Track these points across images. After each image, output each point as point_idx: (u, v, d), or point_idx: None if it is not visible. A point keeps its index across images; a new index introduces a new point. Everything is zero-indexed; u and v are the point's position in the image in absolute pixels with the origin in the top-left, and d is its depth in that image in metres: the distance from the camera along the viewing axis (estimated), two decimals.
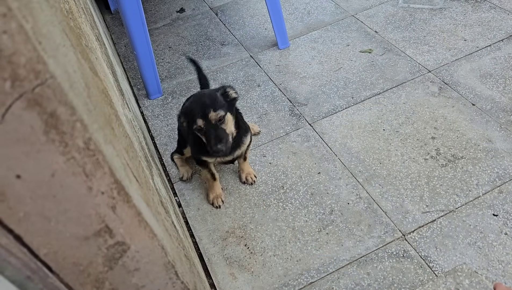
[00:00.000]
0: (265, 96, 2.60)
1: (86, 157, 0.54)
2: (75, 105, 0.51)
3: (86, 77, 0.71)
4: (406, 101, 2.41)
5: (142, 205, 0.69)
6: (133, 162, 0.84)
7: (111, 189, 0.59)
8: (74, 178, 0.54)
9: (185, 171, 2.24)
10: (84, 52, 0.85)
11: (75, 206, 0.57)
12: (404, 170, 2.08)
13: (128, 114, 1.40)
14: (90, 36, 1.22)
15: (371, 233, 1.87)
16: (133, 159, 0.85)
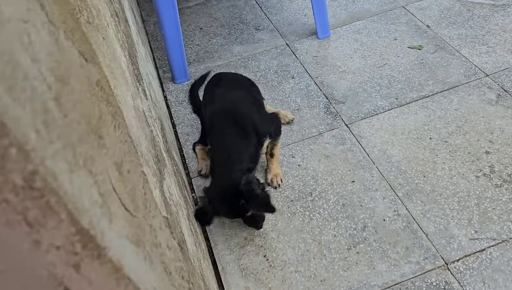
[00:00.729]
0: (299, 90, 2.37)
1: (29, 200, 0.35)
2: (9, 119, 0.32)
3: (65, 67, 0.51)
4: (458, 107, 2.13)
5: (125, 252, 0.49)
6: (129, 178, 0.64)
7: (71, 243, 0.39)
8: (10, 230, 0.35)
9: (205, 165, 2.05)
10: (77, 31, 0.65)
11: (16, 267, 0.38)
12: (451, 187, 1.83)
13: (142, 105, 1.22)
14: (101, 11, 1.02)
15: (409, 258, 1.64)
16: (130, 174, 0.66)
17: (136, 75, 1.32)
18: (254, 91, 2.03)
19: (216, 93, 1.90)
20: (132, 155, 0.74)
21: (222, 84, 1.95)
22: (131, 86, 1.10)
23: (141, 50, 2.06)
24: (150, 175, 0.88)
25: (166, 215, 0.90)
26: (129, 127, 0.82)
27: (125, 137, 0.73)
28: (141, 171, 0.76)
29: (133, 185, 0.65)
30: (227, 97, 1.86)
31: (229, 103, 1.81)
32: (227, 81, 1.97)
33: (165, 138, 1.62)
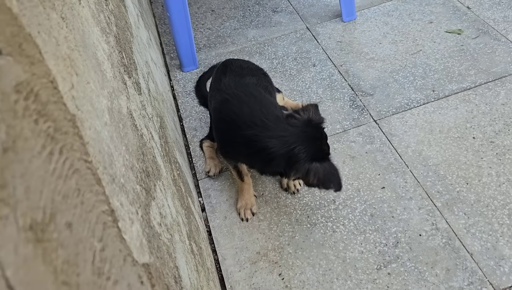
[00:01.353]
0: (320, 79, 2.10)
1: None
2: None
3: None
4: (505, 101, 1.84)
5: None
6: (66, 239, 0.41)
7: None
8: None
9: (214, 166, 1.82)
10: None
11: None
12: (500, 196, 1.55)
13: (130, 104, 0.98)
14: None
15: (450, 282, 1.39)
16: (70, 230, 0.43)
17: (125, 66, 1.09)
18: (266, 81, 1.77)
19: (223, 82, 1.64)
20: (87, 189, 0.50)
21: (229, 71, 1.69)
22: (112, 81, 0.86)
23: (143, 34, 1.82)
24: (125, 207, 0.64)
25: (148, 260, 0.67)
26: (92, 144, 0.58)
27: (76, 165, 0.49)
28: (103, 211, 0.53)
29: (77, 248, 0.42)
30: (235, 86, 1.60)
31: (237, 93, 1.55)
32: (235, 68, 1.71)
33: (164, 138, 1.39)
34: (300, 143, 1.33)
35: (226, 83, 1.60)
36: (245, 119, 1.40)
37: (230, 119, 1.46)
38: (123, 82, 0.98)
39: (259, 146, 1.35)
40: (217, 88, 1.62)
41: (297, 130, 1.36)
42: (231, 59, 1.83)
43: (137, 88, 1.18)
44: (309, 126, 1.38)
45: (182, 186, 1.43)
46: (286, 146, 1.33)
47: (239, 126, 1.41)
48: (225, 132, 1.52)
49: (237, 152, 1.50)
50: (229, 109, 1.47)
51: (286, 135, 1.34)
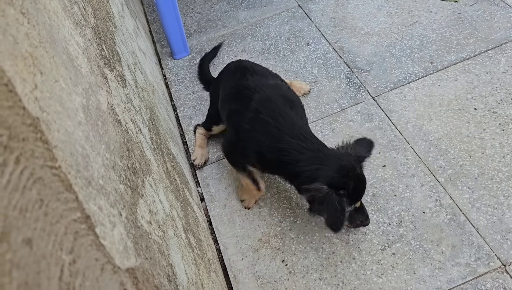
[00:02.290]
0: (315, 58, 2.05)
1: None
2: None
3: None
4: (507, 69, 1.78)
5: None
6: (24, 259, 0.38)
7: None
8: None
9: (200, 155, 1.77)
10: None
11: None
12: (504, 168, 1.51)
13: (112, 98, 0.94)
14: None
15: (456, 258, 1.36)
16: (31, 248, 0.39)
17: (105, 58, 1.04)
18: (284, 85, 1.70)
19: (252, 80, 1.51)
20: (53, 198, 0.46)
21: (251, 71, 1.58)
22: (88, 76, 0.82)
23: (128, 24, 1.76)
24: (104, 210, 0.61)
25: (134, 264, 0.64)
26: (61, 147, 0.54)
27: (39, 174, 0.45)
28: (74, 219, 0.49)
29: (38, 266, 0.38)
30: (267, 87, 1.50)
31: (272, 95, 1.46)
32: (257, 69, 1.61)
33: (155, 130, 1.35)
34: (327, 164, 1.26)
35: (255, 81, 1.50)
36: (284, 127, 1.33)
37: (268, 122, 1.35)
38: (103, 76, 0.94)
39: (292, 158, 1.30)
40: (244, 85, 1.49)
41: (332, 153, 1.30)
42: (244, 60, 1.74)
43: (121, 81, 1.14)
44: (346, 155, 1.30)
45: (177, 177, 1.40)
46: (316, 164, 1.27)
47: (276, 132, 1.34)
48: (258, 132, 1.37)
49: (259, 154, 1.39)
50: (270, 110, 1.37)
51: (320, 155, 1.28)
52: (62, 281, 0.42)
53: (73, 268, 0.45)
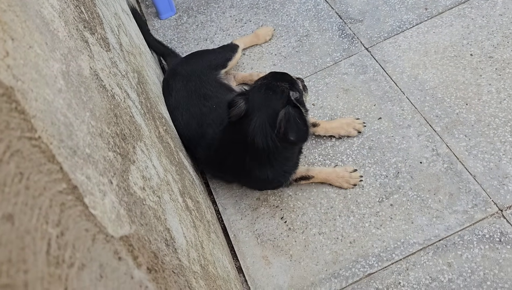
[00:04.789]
0: (306, 11, 1.98)
1: None
2: None
3: None
4: (503, 11, 1.73)
5: None
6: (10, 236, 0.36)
7: None
8: None
9: None
10: None
11: None
12: (501, 114, 1.50)
13: (95, 63, 0.90)
14: None
15: (454, 206, 1.37)
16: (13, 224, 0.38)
17: (85, 21, 0.99)
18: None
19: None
20: (34, 170, 0.44)
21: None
22: (67, 41, 0.78)
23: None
24: (93, 180, 0.59)
25: (129, 231, 0.63)
26: (39, 117, 0.52)
27: (16, 146, 0.43)
28: (59, 191, 0.48)
29: (22, 242, 0.37)
30: None
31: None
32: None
33: (145, 94, 1.31)
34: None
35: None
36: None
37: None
38: (83, 40, 0.90)
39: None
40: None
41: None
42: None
43: (105, 45, 1.09)
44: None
45: (171, 141, 1.37)
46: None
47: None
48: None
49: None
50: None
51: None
52: (50, 255, 0.40)
53: (61, 241, 0.43)
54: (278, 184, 1.48)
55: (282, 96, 1.24)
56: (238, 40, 1.87)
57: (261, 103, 1.25)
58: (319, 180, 1.48)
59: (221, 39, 1.99)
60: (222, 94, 1.57)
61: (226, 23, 2.04)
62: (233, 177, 1.54)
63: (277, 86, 1.26)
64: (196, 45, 2.00)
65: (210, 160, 1.49)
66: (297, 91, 1.29)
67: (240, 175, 1.47)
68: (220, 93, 1.57)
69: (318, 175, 1.47)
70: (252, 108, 1.26)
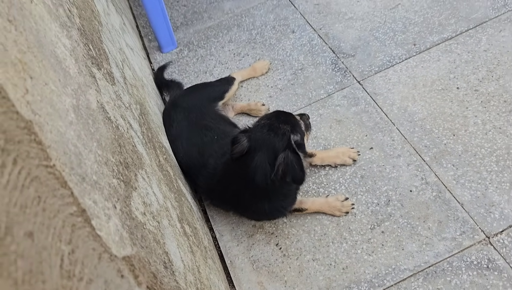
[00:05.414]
0: (301, 46, 2.08)
1: None
2: None
3: None
4: (487, 47, 1.82)
5: None
6: (26, 249, 0.42)
7: None
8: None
9: None
10: None
11: None
12: (486, 144, 1.56)
13: (101, 96, 0.97)
14: None
15: (443, 233, 1.41)
16: (31, 240, 0.43)
17: (93, 58, 1.07)
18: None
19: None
20: (49, 195, 0.50)
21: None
22: (77, 77, 0.85)
23: (114, 20, 1.78)
24: (99, 204, 0.65)
25: (131, 252, 0.68)
26: (54, 147, 0.58)
27: (35, 173, 0.49)
28: (70, 213, 0.53)
29: (40, 256, 0.43)
30: None
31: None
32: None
33: (146, 124, 1.38)
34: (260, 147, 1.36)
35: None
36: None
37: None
38: (91, 75, 0.97)
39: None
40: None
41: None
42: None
43: (110, 79, 1.17)
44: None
45: (170, 169, 1.44)
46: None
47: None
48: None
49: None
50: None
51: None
52: (63, 269, 0.46)
53: (72, 257, 0.49)
54: (275, 217, 1.53)
55: (283, 138, 1.30)
56: (236, 73, 1.96)
57: (263, 143, 1.32)
58: (312, 211, 1.53)
59: (220, 71, 2.08)
60: (222, 125, 1.65)
61: (225, 57, 2.14)
62: (232, 207, 1.59)
63: (279, 128, 1.33)
64: (196, 77, 2.09)
65: (211, 190, 1.55)
66: (298, 133, 1.36)
67: (239, 206, 1.53)
68: (220, 124, 1.65)
69: (311, 207, 1.52)
70: (254, 147, 1.32)
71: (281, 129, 1.32)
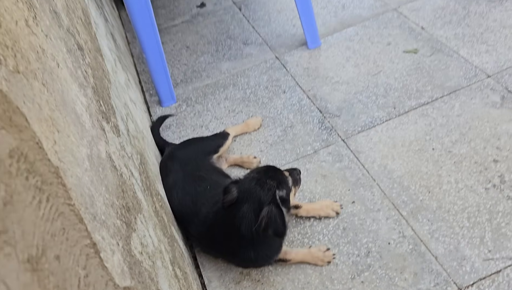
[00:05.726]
0: (291, 105, 2.25)
1: None
2: None
3: None
4: (460, 113, 2.00)
5: None
6: (55, 268, 0.53)
7: None
8: None
9: None
10: None
11: None
12: (459, 201, 1.69)
13: (109, 147, 1.10)
14: (47, 51, 0.92)
15: (418, 285, 1.50)
16: (58, 261, 0.54)
17: (103, 113, 1.21)
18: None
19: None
20: (71, 228, 0.62)
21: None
22: (91, 130, 0.98)
23: (121, 77, 1.95)
24: (106, 240, 0.76)
25: (130, 284, 0.78)
26: (74, 189, 0.70)
27: (61, 209, 0.61)
28: (85, 245, 0.65)
29: (64, 275, 0.53)
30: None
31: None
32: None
33: (145, 173, 1.50)
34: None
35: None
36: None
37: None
38: (101, 128, 1.11)
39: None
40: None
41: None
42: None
43: (116, 131, 1.30)
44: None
45: (165, 216, 1.54)
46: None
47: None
48: None
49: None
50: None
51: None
52: (80, 288, 0.57)
53: (86, 281, 0.60)
54: (261, 265, 1.63)
55: (268, 193, 1.43)
56: (230, 128, 2.11)
57: (250, 195, 1.45)
58: (296, 261, 1.63)
59: (215, 126, 2.23)
60: (215, 176, 1.77)
61: (220, 113, 2.30)
62: (220, 254, 1.68)
63: (265, 183, 1.45)
64: (192, 131, 2.24)
65: (202, 236, 1.65)
66: (284, 189, 1.48)
67: (228, 254, 1.63)
68: (214, 176, 1.77)
69: (295, 258, 1.62)
70: (242, 198, 1.45)
71: (267, 184, 1.45)
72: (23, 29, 0.80)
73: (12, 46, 0.70)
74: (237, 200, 1.45)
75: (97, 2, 2.29)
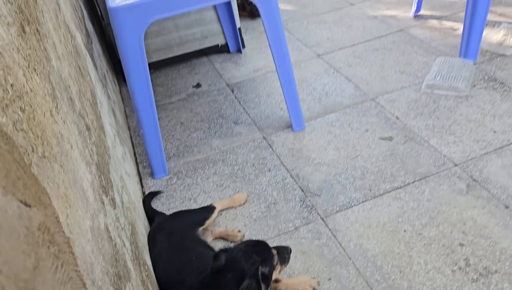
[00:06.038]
0: (275, 183, 2.41)
1: None
2: None
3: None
4: (430, 198, 2.17)
5: None
6: None
7: None
8: None
9: None
10: (23, 177, 0.69)
11: None
12: (428, 282, 1.80)
13: (107, 219, 1.23)
14: (64, 135, 1.08)
15: None
16: None
17: (103, 187, 1.35)
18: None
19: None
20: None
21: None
22: (94, 204, 1.12)
23: (118, 151, 2.11)
24: None
25: None
26: (79, 257, 0.83)
27: (70, 274, 0.73)
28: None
29: None
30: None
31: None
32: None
33: (135, 243, 1.61)
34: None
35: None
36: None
37: None
38: (101, 202, 1.24)
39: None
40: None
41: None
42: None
43: (112, 204, 1.44)
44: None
45: (150, 286, 1.62)
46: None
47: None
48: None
49: None
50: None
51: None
52: None
53: None
54: None
55: (251, 267, 1.54)
56: (217, 202, 2.24)
57: (234, 265, 1.56)
58: None
59: (203, 199, 2.37)
60: (200, 248, 1.88)
61: (209, 187, 2.45)
62: None
63: (250, 257, 1.57)
64: (181, 203, 2.37)
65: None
66: (267, 266, 1.59)
67: None
68: (199, 247, 1.88)
69: None
70: (228, 267, 1.56)
71: (252, 259, 1.56)
72: (48, 119, 0.97)
73: (41, 135, 0.87)
74: (224, 267, 1.56)
75: (102, 81, 2.51)
